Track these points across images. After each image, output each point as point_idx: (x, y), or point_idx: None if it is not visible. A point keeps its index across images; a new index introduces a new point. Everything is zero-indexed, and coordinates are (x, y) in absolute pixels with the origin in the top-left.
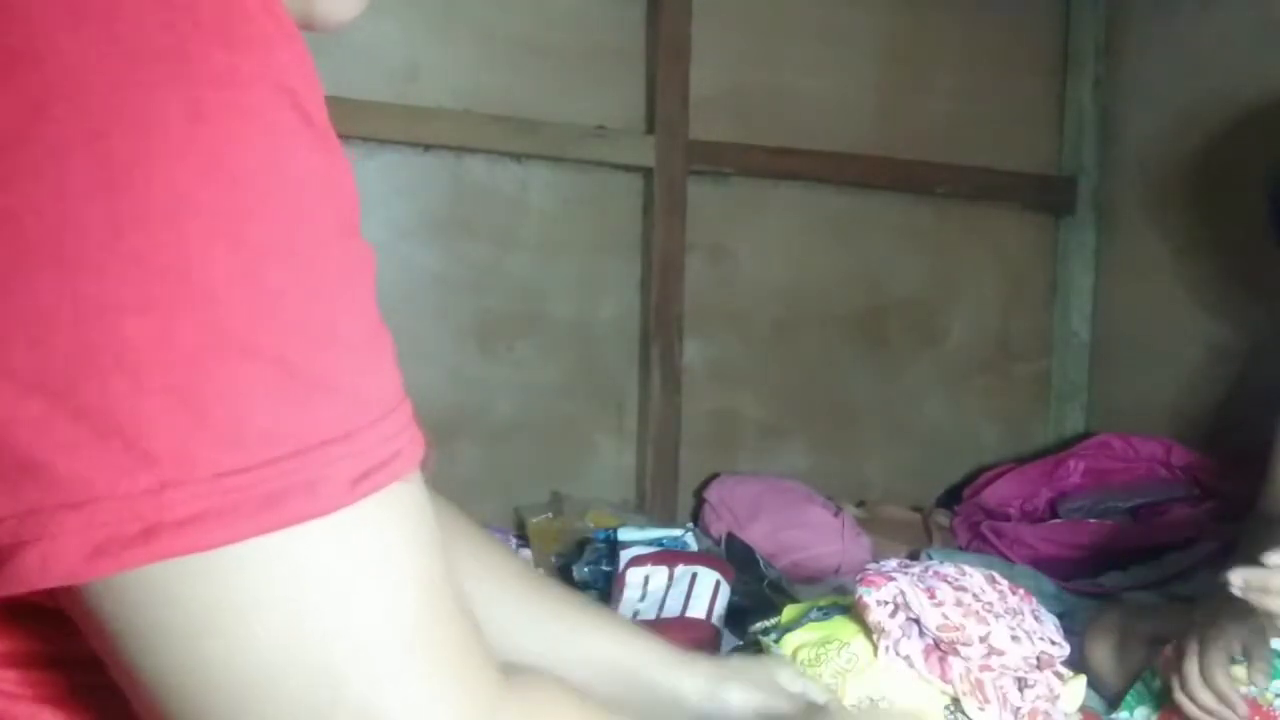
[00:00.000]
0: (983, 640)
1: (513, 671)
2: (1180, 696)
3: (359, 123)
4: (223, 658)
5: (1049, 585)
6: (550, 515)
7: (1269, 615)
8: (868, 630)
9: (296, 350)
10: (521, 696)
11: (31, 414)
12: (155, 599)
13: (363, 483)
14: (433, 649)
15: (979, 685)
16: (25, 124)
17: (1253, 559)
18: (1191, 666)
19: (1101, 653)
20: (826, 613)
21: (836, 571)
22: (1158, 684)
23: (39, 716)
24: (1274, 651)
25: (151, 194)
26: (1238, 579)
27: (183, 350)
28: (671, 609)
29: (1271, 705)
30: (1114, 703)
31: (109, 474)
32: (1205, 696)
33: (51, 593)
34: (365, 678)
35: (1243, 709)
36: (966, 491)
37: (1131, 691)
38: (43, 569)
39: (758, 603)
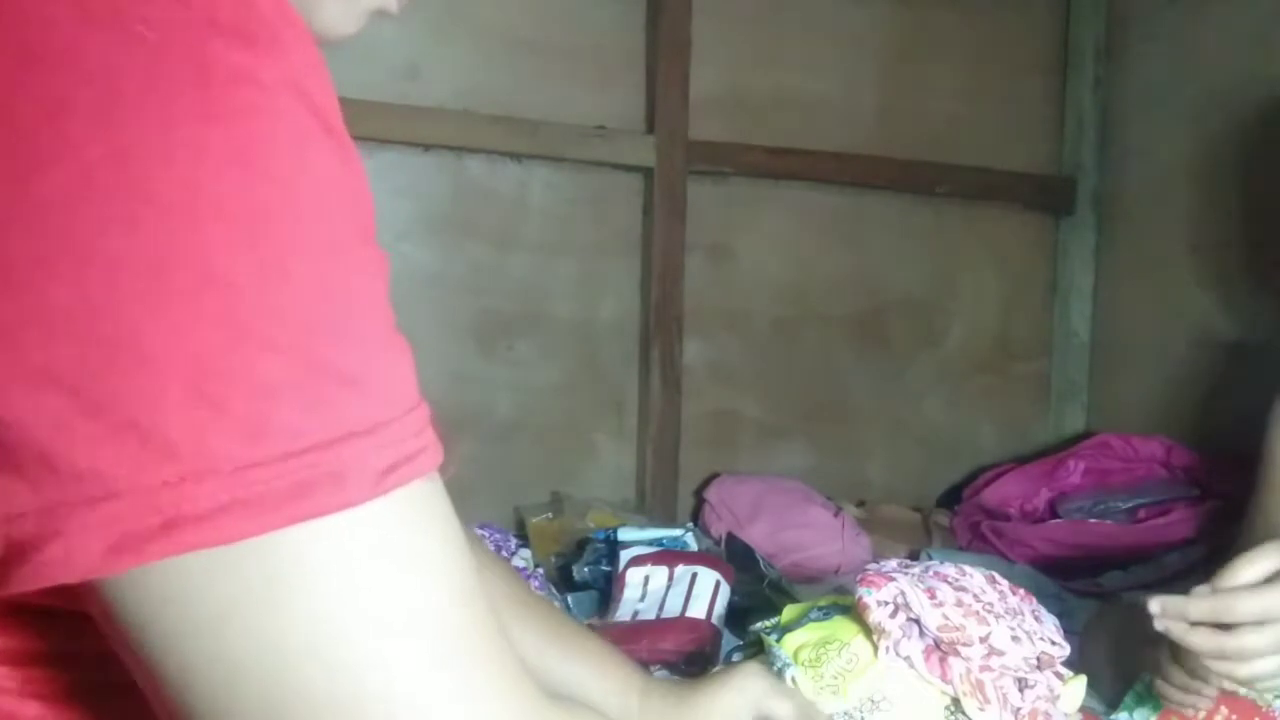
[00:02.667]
0: (983, 641)
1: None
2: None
3: (359, 123)
4: (247, 654)
5: (1049, 585)
6: (550, 515)
7: (1190, 650)
8: (868, 630)
9: (318, 345)
10: (564, 712)
11: (49, 410)
12: (178, 594)
13: (390, 476)
14: (468, 648)
15: (979, 686)
16: (46, 121)
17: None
18: (1159, 683)
19: (1101, 653)
20: (826, 613)
21: (836, 571)
22: None
23: (32, 712)
24: None
25: (171, 191)
26: (1155, 606)
27: (202, 344)
28: (671, 609)
29: (1271, 706)
30: (1114, 703)
31: (127, 468)
32: (1173, 693)
33: (62, 592)
34: (396, 676)
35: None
36: (966, 491)
37: (1131, 692)
38: (65, 564)
39: (758, 603)
